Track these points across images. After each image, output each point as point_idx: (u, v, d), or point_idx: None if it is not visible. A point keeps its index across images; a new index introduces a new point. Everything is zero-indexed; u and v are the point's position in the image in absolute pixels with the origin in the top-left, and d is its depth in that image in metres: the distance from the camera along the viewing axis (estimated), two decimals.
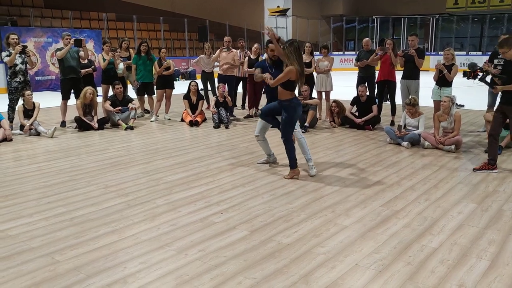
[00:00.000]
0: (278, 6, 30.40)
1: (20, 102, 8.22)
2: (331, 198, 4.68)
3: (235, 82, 10.22)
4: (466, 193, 4.81)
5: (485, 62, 7.61)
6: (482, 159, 6.21)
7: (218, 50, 10.03)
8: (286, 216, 4.16)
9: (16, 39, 8.18)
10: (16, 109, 8.19)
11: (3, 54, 8.21)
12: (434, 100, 7.85)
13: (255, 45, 9.85)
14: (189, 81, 10.04)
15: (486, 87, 6.49)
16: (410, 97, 7.37)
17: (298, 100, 5.39)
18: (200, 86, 10.18)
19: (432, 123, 7.46)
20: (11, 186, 5.12)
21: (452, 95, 6.97)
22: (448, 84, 7.66)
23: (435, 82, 7.84)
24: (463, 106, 11.06)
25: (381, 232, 3.80)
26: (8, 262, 3.27)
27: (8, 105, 8.35)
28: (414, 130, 7.06)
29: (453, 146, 6.64)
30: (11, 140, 7.53)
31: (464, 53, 25.21)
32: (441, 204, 4.49)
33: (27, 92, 8.04)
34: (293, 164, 5.43)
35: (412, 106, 7.05)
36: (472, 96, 13.23)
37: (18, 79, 8.17)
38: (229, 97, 9.17)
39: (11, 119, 8.32)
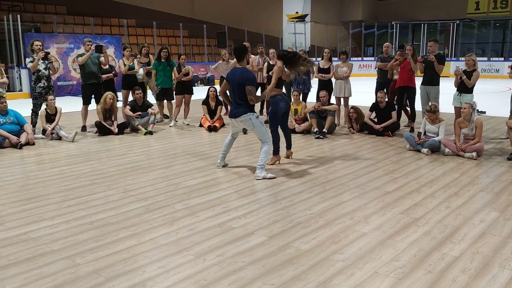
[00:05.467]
0: (297, 12, 30.43)
1: (43, 106, 8.39)
2: (350, 204, 4.65)
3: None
4: (488, 201, 4.73)
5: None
6: (505, 167, 6.10)
7: None
8: (305, 222, 4.14)
9: (40, 45, 8.35)
10: (39, 114, 8.36)
11: (27, 60, 8.39)
12: (454, 107, 7.76)
13: (271, 50, 9.85)
14: (207, 87, 10.11)
15: (509, 94, 6.40)
16: (430, 103, 7.28)
17: (282, 96, 6.24)
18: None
19: (452, 129, 7.36)
20: (33, 189, 5.22)
21: (473, 102, 6.86)
22: (469, 90, 7.55)
23: (456, 88, 7.74)
24: (484, 112, 10.88)
25: (401, 239, 3.76)
26: (31, 264, 3.33)
27: (32, 109, 8.51)
28: (434, 137, 6.97)
29: (474, 153, 6.53)
30: (33, 144, 7.68)
31: (486, 58, 24.87)
32: (462, 212, 4.42)
33: (50, 97, 8.20)
34: (274, 151, 6.19)
35: (433, 112, 6.97)
36: (494, 102, 13.04)
37: (42, 84, 8.33)
38: None
39: (34, 124, 8.48)
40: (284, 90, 11.01)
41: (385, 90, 8.84)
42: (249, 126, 5.73)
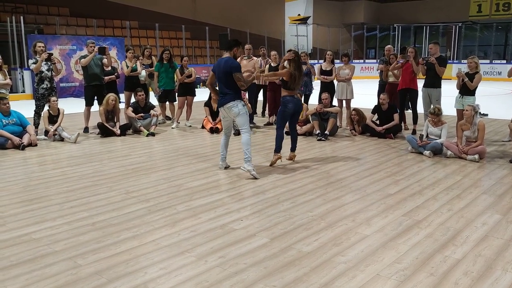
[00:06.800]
0: (299, 14, 30.48)
1: (46, 108, 8.40)
2: (351, 207, 4.64)
3: (255, 89, 10.25)
4: (490, 204, 4.71)
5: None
6: (507, 169, 6.09)
7: (239, 58, 10.07)
8: (307, 224, 4.14)
9: (43, 47, 8.37)
10: (42, 115, 8.37)
11: (30, 61, 8.42)
12: (457, 109, 7.75)
13: (273, 52, 9.85)
14: None
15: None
16: (434, 106, 7.26)
17: (292, 97, 6.30)
18: None
19: (455, 132, 7.35)
20: (35, 190, 5.22)
21: (476, 104, 6.85)
22: (471, 92, 7.54)
23: (458, 91, 7.73)
24: (486, 115, 10.86)
25: (403, 242, 3.75)
26: (32, 265, 3.33)
27: (35, 111, 8.53)
28: (436, 139, 6.96)
29: (476, 156, 6.52)
30: (36, 145, 7.69)
31: (488, 61, 24.84)
32: (465, 214, 4.40)
33: (53, 98, 8.22)
34: (276, 149, 6.30)
35: (436, 115, 6.95)
36: (497, 105, 13.02)
37: (44, 86, 8.36)
38: (249, 105, 9.19)
39: (36, 125, 8.50)
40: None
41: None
42: (234, 113, 5.77)
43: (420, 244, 3.70)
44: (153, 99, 10.43)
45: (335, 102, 9.42)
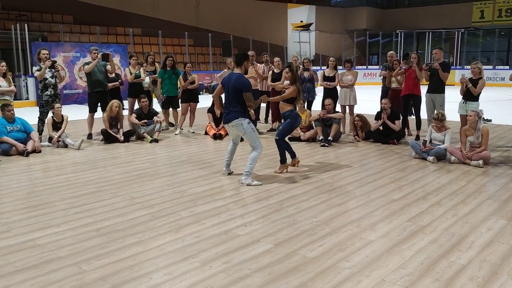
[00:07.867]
0: (302, 21, 30.57)
1: (50, 114, 8.43)
2: (356, 212, 4.63)
3: (258, 95, 10.24)
4: (495, 209, 4.70)
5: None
6: (511, 175, 6.07)
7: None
8: (311, 230, 4.13)
9: (47, 54, 8.42)
10: (46, 122, 8.40)
11: (34, 68, 8.46)
12: (460, 115, 7.74)
13: (276, 58, 9.88)
14: None
15: None
16: (437, 112, 7.25)
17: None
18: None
19: (458, 137, 7.34)
20: (40, 196, 5.24)
21: (479, 109, 6.84)
22: (474, 98, 7.53)
23: (461, 96, 7.73)
24: (490, 120, 10.85)
25: (408, 247, 3.74)
26: (37, 271, 3.34)
27: (38, 117, 8.56)
28: (440, 145, 6.95)
29: (480, 161, 6.50)
30: (40, 151, 7.72)
31: (491, 67, 24.84)
32: (469, 220, 4.39)
33: (57, 105, 8.25)
34: (282, 159, 6.26)
35: (440, 121, 6.95)
36: (500, 110, 13.00)
37: (48, 93, 8.39)
38: (252, 111, 9.20)
39: (40, 131, 8.53)
40: None
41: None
42: (240, 131, 5.71)
43: (425, 250, 3.68)
44: (157, 106, 10.46)
45: (338, 108, 9.42)
